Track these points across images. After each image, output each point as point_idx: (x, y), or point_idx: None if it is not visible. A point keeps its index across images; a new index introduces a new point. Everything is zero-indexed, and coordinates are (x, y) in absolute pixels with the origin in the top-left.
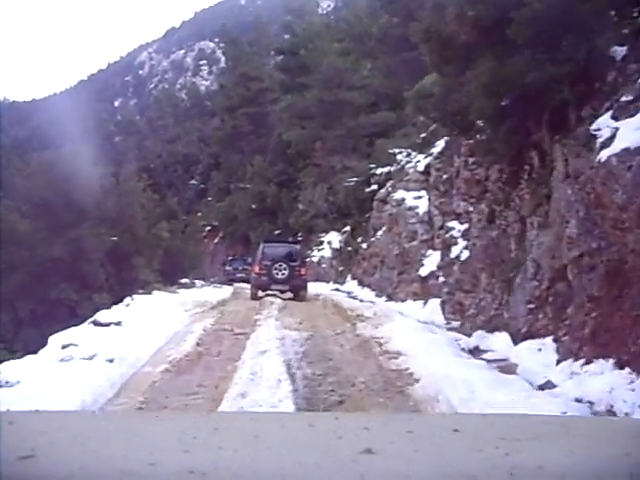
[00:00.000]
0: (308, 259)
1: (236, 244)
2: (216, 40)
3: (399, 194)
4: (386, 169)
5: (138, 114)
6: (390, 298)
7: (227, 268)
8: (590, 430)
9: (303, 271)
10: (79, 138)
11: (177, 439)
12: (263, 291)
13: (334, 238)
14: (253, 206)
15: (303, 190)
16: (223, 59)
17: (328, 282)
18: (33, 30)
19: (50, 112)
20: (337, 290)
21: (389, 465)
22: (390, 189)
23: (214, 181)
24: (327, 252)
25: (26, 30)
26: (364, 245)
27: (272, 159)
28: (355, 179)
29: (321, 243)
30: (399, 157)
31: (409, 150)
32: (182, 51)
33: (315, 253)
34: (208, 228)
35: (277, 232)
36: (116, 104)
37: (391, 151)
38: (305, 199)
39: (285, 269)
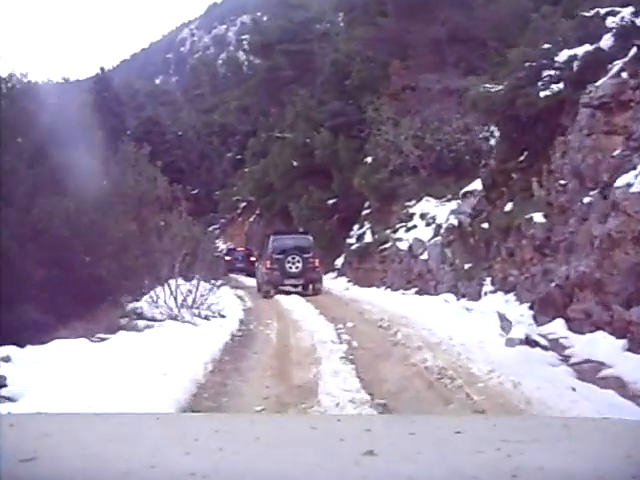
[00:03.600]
0: (387, 245)
1: (274, 221)
2: (258, 14)
3: None
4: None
5: (179, 90)
6: None
7: (227, 258)
8: (592, 432)
9: (317, 262)
10: (106, 118)
11: (178, 441)
12: (275, 288)
13: (435, 209)
14: (295, 163)
15: (373, 136)
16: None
17: (435, 292)
18: (78, 14)
19: (87, 94)
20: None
21: (391, 467)
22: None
23: (251, 149)
24: (424, 233)
25: (71, 14)
26: (539, 217)
27: (322, 95)
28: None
29: (409, 217)
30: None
31: None
32: (224, 26)
33: (400, 235)
34: (243, 204)
35: (331, 201)
36: (157, 82)
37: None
38: (376, 147)
39: (299, 262)
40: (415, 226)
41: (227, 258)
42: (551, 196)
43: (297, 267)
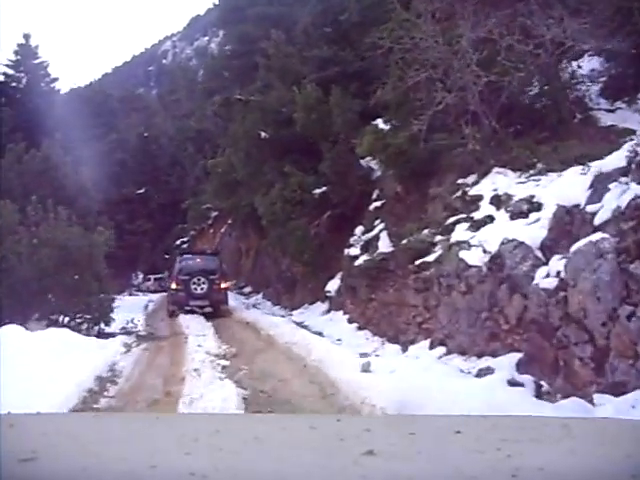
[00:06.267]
0: (429, 258)
1: (247, 231)
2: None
3: None
4: None
5: (159, 102)
6: None
7: (173, 286)
8: (591, 432)
9: (223, 285)
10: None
11: (178, 441)
12: (180, 308)
13: (522, 189)
14: (263, 135)
15: (394, 65)
16: None
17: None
18: (60, 26)
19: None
20: None
21: (391, 467)
22: None
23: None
24: (516, 230)
25: (54, 25)
26: None
27: (305, 40)
28: None
29: (472, 204)
30: None
31: None
32: (206, 37)
33: (460, 236)
34: (215, 214)
35: (320, 190)
36: (136, 96)
37: None
38: (400, 80)
39: (204, 283)
40: (491, 219)
41: (173, 286)
42: None
43: (202, 288)
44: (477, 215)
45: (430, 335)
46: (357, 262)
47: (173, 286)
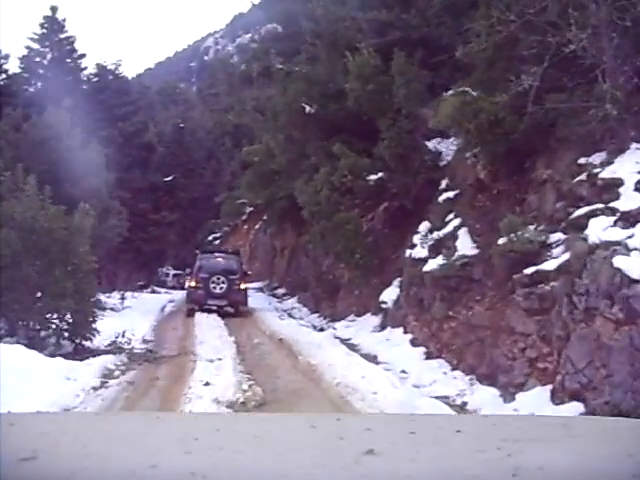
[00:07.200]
0: (546, 266)
1: (284, 228)
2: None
3: None
4: None
5: (198, 96)
6: None
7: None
8: (592, 431)
9: (243, 285)
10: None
11: (178, 440)
12: (200, 307)
13: None
14: (308, 109)
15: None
16: None
17: None
18: (102, 22)
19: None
20: None
21: (391, 466)
22: None
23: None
24: None
25: (96, 22)
26: None
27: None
28: None
29: (607, 190)
30: None
31: None
32: (248, 35)
33: (604, 234)
34: (249, 209)
35: (375, 176)
36: (177, 91)
37: None
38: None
39: (223, 282)
40: None
41: (192, 284)
42: None
43: (221, 288)
44: (622, 205)
45: (551, 380)
46: (426, 267)
47: (192, 284)
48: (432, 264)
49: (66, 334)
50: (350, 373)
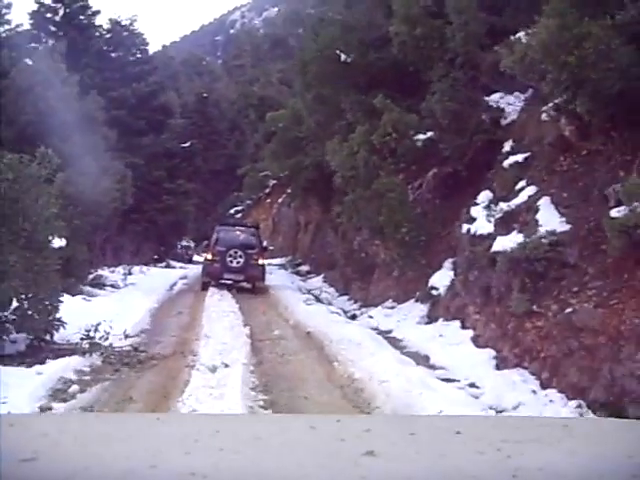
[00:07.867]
0: None
1: (308, 201)
2: None
3: None
4: None
5: (223, 67)
6: None
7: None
8: (592, 432)
9: (261, 260)
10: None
11: (178, 441)
12: (216, 281)
13: None
14: (344, 57)
15: None
16: None
17: None
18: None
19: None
20: None
21: (391, 467)
22: None
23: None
24: None
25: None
26: None
27: None
28: None
29: None
30: None
31: None
32: (276, 8)
33: None
34: (273, 182)
35: (424, 135)
36: (203, 63)
37: None
38: None
39: (241, 257)
40: None
41: (209, 257)
42: None
43: (238, 262)
44: None
45: None
46: (496, 246)
47: (209, 257)
48: (504, 242)
49: (11, 327)
50: (412, 394)
